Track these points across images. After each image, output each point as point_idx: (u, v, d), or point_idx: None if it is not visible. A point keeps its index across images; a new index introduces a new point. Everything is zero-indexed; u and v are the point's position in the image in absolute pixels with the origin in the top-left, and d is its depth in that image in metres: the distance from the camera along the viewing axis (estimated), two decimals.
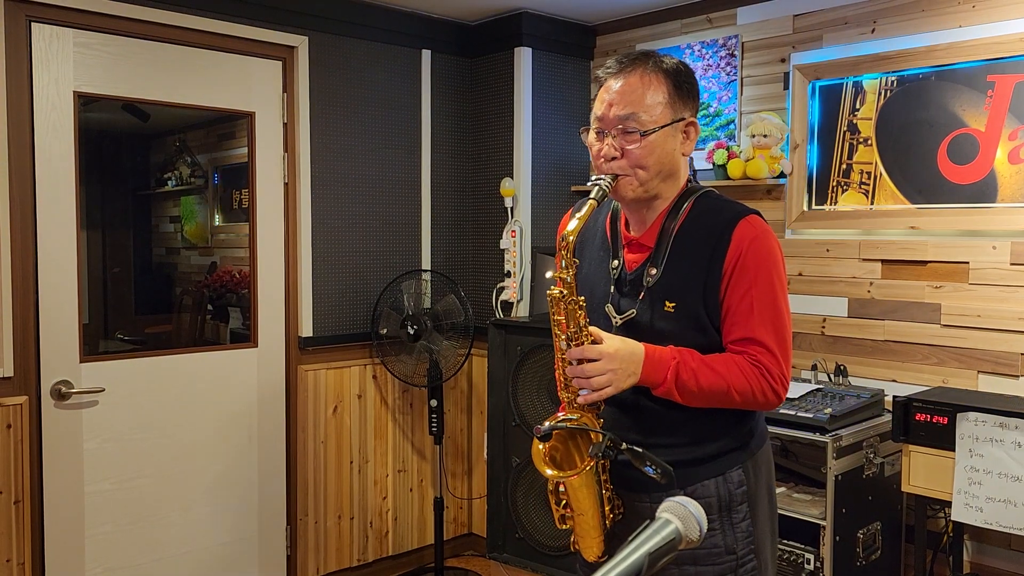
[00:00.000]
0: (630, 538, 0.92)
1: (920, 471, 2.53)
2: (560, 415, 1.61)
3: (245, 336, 3.39)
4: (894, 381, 2.95)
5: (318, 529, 3.56)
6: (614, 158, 1.62)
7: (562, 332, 1.58)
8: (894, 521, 2.84)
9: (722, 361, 1.58)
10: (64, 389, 2.89)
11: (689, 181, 1.71)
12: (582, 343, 1.55)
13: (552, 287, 1.58)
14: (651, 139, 1.61)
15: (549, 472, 1.57)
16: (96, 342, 3.12)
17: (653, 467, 1.47)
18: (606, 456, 1.51)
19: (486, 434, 3.65)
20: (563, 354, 1.58)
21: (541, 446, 1.59)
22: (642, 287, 1.64)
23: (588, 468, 1.56)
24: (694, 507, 0.96)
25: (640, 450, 1.48)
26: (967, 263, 2.78)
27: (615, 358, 1.53)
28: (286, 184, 3.42)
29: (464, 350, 3.66)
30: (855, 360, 3.05)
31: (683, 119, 1.65)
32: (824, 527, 2.58)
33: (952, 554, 2.74)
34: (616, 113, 1.62)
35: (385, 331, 3.58)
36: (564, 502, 1.63)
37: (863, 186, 3.03)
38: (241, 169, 3.38)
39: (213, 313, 3.49)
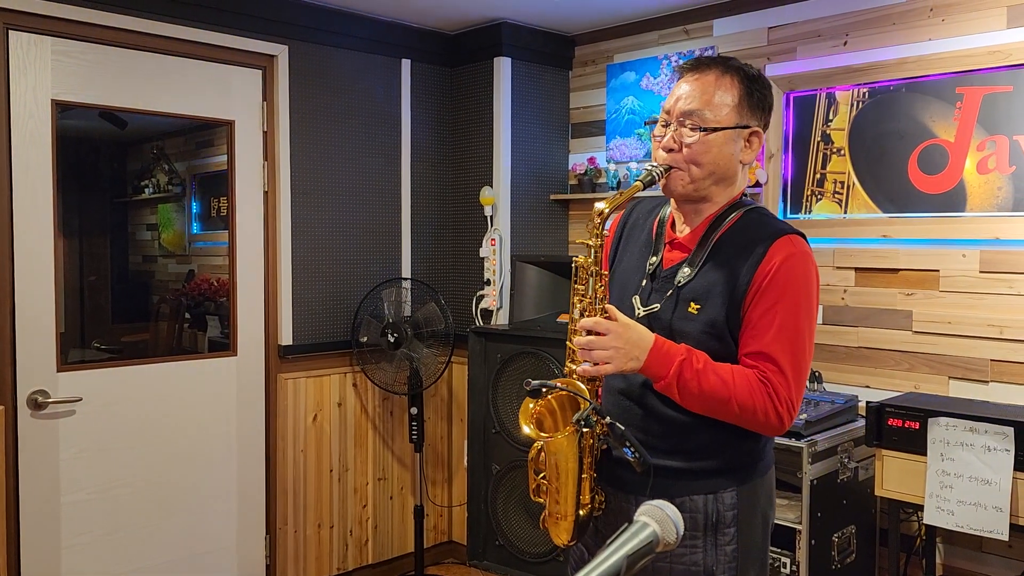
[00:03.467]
0: (608, 541, 0.94)
1: (893, 475, 2.57)
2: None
3: (224, 344, 3.38)
4: (867, 387, 3.00)
5: (298, 538, 3.55)
6: (671, 150, 1.63)
7: (579, 302, 1.59)
8: (868, 525, 2.88)
9: (730, 370, 1.55)
10: (40, 399, 2.86)
11: (743, 195, 1.70)
12: (595, 315, 1.57)
13: (578, 255, 1.60)
14: (710, 138, 1.61)
15: (526, 430, 1.56)
16: (73, 351, 3.10)
17: (632, 450, 1.47)
18: (588, 425, 1.50)
19: (466, 441, 3.66)
20: (575, 324, 1.60)
21: (532, 405, 1.59)
22: (672, 285, 1.64)
23: (566, 434, 1.55)
24: (671, 510, 0.98)
25: (622, 428, 1.48)
26: (937, 271, 2.84)
27: (622, 337, 1.53)
28: (265, 192, 3.42)
29: (444, 358, 3.68)
30: (830, 366, 3.09)
31: (748, 127, 1.64)
32: (800, 531, 2.62)
33: (925, 557, 2.78)
34: (682, 107, 1.63)
35: (365, 339, 3.58)
36: (542, 473, 1.63)
37: (837, 195, 3.09)
38: (220, 177, 3.38)
39: (191, 321, 3.48)
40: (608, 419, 1.50)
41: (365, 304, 3.62)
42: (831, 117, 3.09)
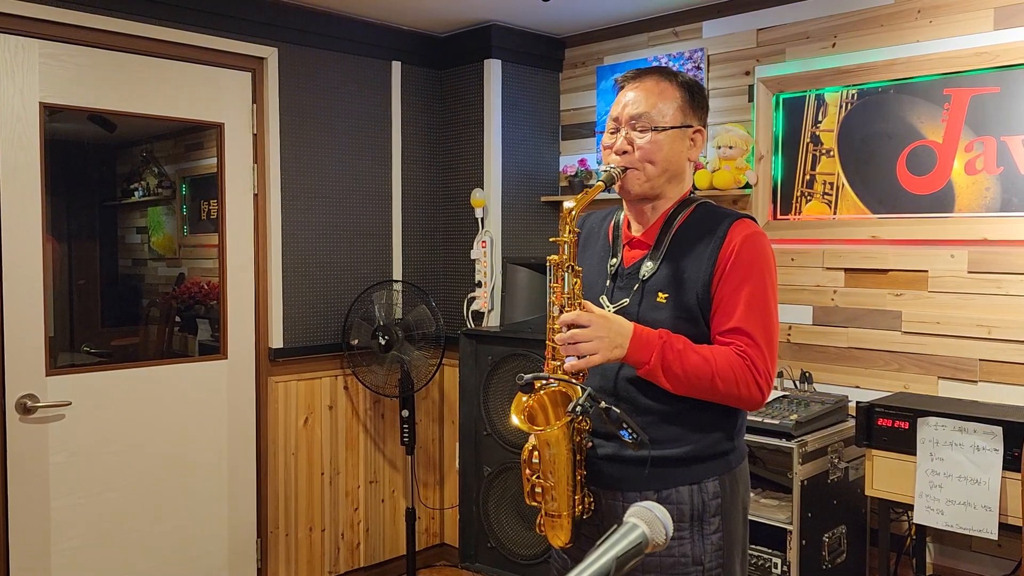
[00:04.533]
0: (598, 542, 0.94)
1: (883, 475, 2.58)
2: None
3: (214, 348, 3.37)
4: (857, 387, 3.01)
5: (289, 542, 3.54)
6: (625, 152, 1.70)
7: (556, 299, 1.62)
8: (859, 525, 2.89)
9: (708, 348, 1.61)
10: (30, 403, 2.85)
11: (691, 191, 1.78)
12: (574, 310, 1.60)
13: (552, 255, 1.64)
14: (660, 137, 1.69)
15: (515, 420, 1.57)
16: (62, 355, 3.09)
17: (629, 432, 1.49)
18: (584, 412, 1.52)
19: (458, 444, 3.66)
20: (554, 321, 1.62)
21: (525, 399, 1.61)
22: (637, 280, 1.70)
23: (561, 425, 1.57)
24: (660, 512, 0.98)
25: (618, 411, 1.50)
26: (926, 271, 2.86)
27: (604, 327, 1.56)
28: (255, 195, 3.41)
29: (435, 360, 3.67)
30: (820, 367, 3.11)
31: (692, 126, 1.74)
32: (791, 531, 2.63)
33: (915, 556, 2.80)
34: (630, 112, 1.71)
35: (356, 342, 3.57)
36: (536, 474, 1.65)
37: (826, 196, 3.10)
38: (210, 180, 3.37)
39: (181, 325, 3.46)
40: (604, 403, 1.52)
41: (356, 307, 3.61)
42: (820, 118, 3.10)
